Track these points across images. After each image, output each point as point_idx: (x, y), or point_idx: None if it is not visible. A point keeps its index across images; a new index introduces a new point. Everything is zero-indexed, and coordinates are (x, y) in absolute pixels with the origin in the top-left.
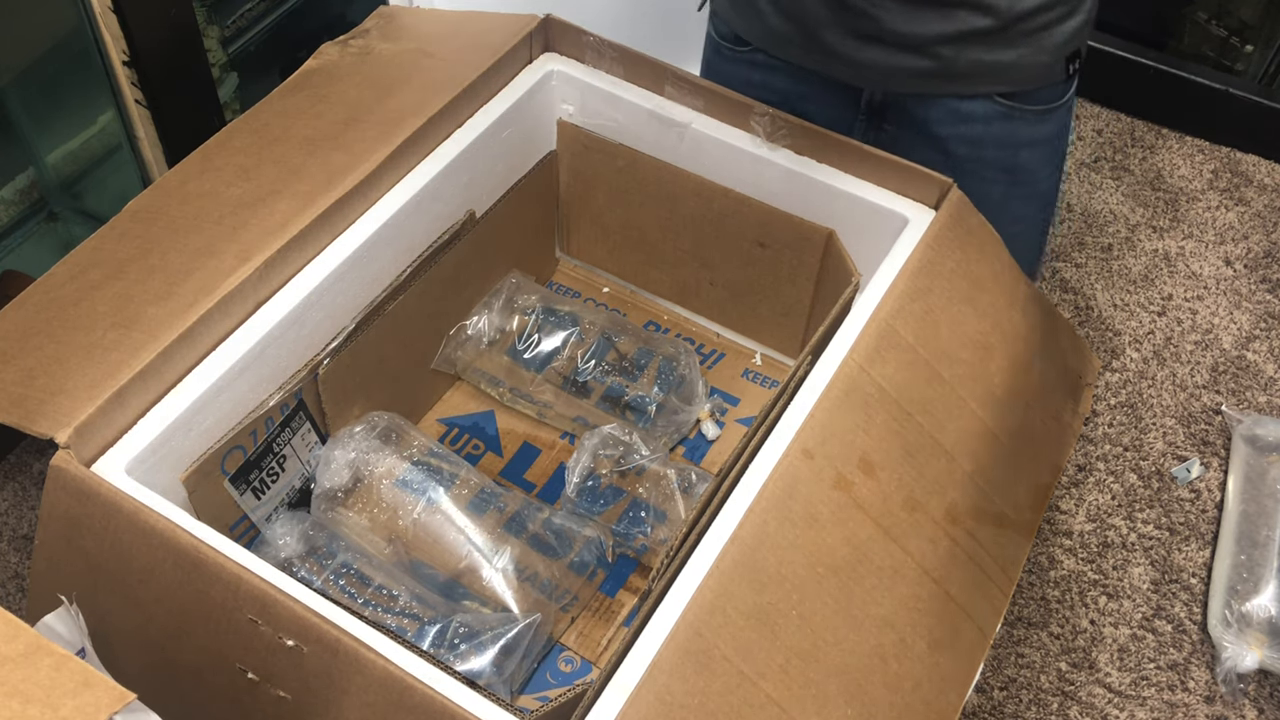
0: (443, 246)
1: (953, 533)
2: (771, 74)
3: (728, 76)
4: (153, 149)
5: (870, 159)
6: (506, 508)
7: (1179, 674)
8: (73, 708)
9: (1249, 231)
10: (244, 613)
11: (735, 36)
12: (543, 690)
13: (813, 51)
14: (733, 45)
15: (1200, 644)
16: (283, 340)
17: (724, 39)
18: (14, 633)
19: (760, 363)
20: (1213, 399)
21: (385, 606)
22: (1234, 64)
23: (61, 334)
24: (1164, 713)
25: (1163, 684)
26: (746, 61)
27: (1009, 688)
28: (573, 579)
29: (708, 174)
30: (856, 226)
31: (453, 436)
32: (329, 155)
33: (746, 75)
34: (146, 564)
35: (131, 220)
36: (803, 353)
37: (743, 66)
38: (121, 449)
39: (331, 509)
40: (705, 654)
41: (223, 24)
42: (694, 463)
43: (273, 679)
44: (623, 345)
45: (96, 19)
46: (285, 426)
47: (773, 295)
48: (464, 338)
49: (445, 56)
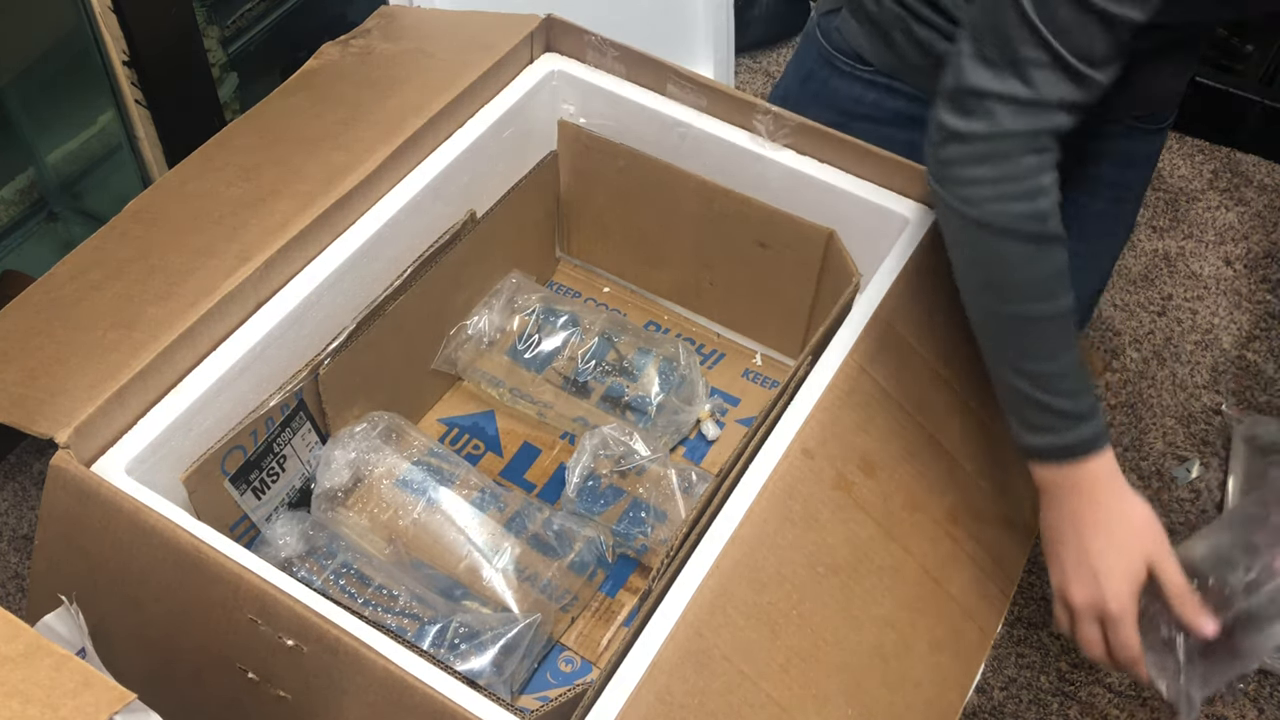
0: (443, 246)
1: (954, 533)
2: (889, 96)
3: (835, 89)
4: (153, 149)
5: (871, 159)
6: (507, 508)
7: None
8: (73, 708)
9: (1249, 231)
10: (244, 612)
11: (857, 55)
12: (543, 690)
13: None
14: (852, 62)
15: None
16: (283, 340)
17: (842, 53)
18: (14, 633)
19: (760, 363)
20: (1213, 399)
21: (385, 606)
22: (1234, 64)
23: (62, 334)
24: (1164, 713)
25: None
26: (864, 81)
27: (1009, 688)
28: (573, 579)
29: (708, 174)
30: (857, 226)
31: (453, 436)
32: (329, 155)
33: (859, 93)
34: (146, 564)
35: (132, 220)
36: (803, 353)
37: (857, 84)
38: (122, 449)
39: (332, 509)
40: (705, 654)
41: (223, 24)
42: (694, 463)
43: (273, 679)
44: (623, 345)
45: (96, 19)
46: (285, 426)
47: (773, 295)
48: (464, 338)
49: (446, 56)
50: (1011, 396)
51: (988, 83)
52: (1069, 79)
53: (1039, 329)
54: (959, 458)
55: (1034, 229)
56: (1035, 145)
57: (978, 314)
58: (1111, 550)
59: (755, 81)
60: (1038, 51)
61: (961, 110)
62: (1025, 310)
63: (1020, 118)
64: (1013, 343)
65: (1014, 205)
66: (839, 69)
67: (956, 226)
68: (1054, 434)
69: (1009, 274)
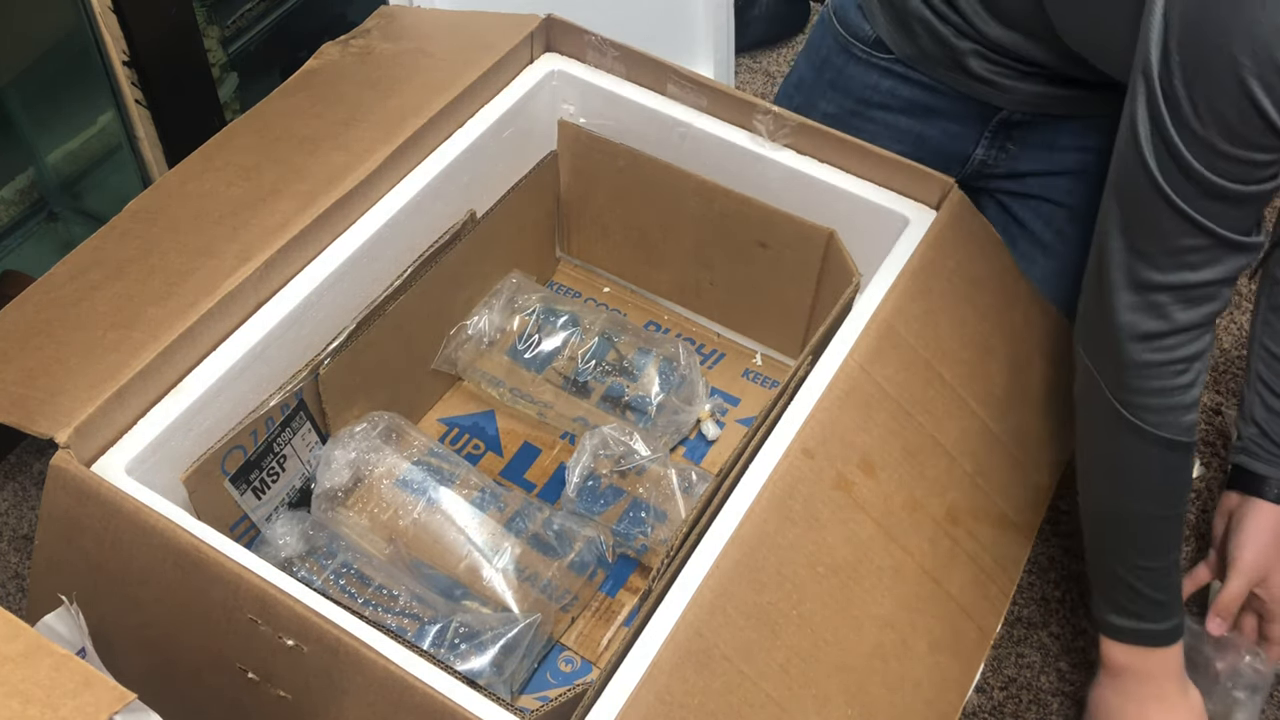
0: (443, 246)
1: (953, 533)
2: (904, 84)
3: (850, 76)
4: (153, 149)
5: (872, 158)
6: (507, 508)
7: None
8: (73, 708)
9: None
10: (244, 613)
11: (876, 40)
12: (543, 690)
13: (964, 76)
14: (869, 48)
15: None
16: (283, 340)
17: (859, 39)
18: (14, 633)
19: (760, 363)
20: (1213, 399)
21: (385, 606)
22: None
23: (62, 334)
24: None
25: None
26: (880, 68)
27: (1009, 688)
28: (573, 579)
29: (709, 174)
30: (857, 226)
31: (453, 436)
32: (330, 155)
33: (875, 80)
34: (147, 564)
35: (132, 220)
36: (803, 353)
37: (873, 71)
38: (122, 449)
39: (332, 509)
40: (705, 654)
41: (223, 24)
42: (694, 463)
43: (273, 679)
44: (623, 345)
45: (96, 19)
46: (285, 426)
47: (773, 295)
48: (464, 338)
49: (446, 56)
50: (1109, 579)
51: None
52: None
53: (1162, 527)
54: (958, 458)
55: (1188, 440)
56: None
57: (1096, 505)
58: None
59: (755, 81)
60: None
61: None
62: (1153, 511)
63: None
64: (1129, 537)
65: (1185, 417)
66: (855, 55)
67: (1113, 429)
68: (1142, 620)
69: (1154, 480)
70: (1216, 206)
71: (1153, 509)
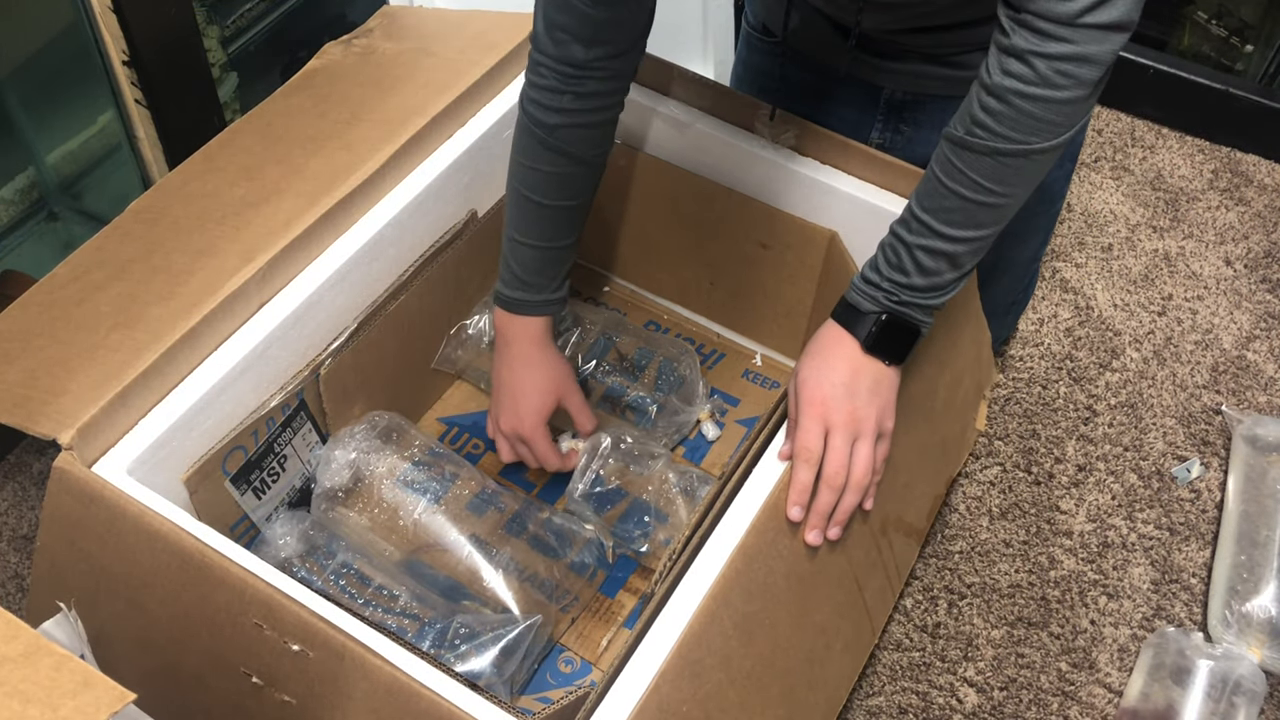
0: (444, 246)
1: (880, 542)
2: (794, 67)
3: (754, 66)
4: (153, 149)
5: (873, 161)
6: (507, 508)
7: None
8: (73, 708)
9: (1249, 231)
10: (249, 617)
11: (764, 27)
12: (543, 691)
13: (836, 53)
14: (762, 36)
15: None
16: (284, 340)
17: (754, 29)
18: (14, 633)
19: (761, 363)
20: (1213, 399)
21: (385, 606)
22: (1234, 64)
23: (64, 335)
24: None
25: None
26: (772, 53)
27: (1009, 688)
28: (573, 579)
29: (709, 174)
30: (859, 228)
31: (453, 436)
32: (332, 155)
33: (770, 67)
34: (150, 568)
35: (134, 220)
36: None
37: (769, 58)
38: (123, 449)
39: (332, 508)
40: (699, 663)
41: (223, 24)
42: (694, 463)
43: (277, 683)
44: (623, 345)
45: (96, 19)
46: (286, 426)
47: (774, 296)
48: (464, 337)
49: (448, 56)
50: (503, 252)
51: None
52: None
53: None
54: (900, 469)
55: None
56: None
57: (509, 188)
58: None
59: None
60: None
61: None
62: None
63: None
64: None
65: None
66: (753, 45)
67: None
68: (509, 288)
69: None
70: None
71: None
